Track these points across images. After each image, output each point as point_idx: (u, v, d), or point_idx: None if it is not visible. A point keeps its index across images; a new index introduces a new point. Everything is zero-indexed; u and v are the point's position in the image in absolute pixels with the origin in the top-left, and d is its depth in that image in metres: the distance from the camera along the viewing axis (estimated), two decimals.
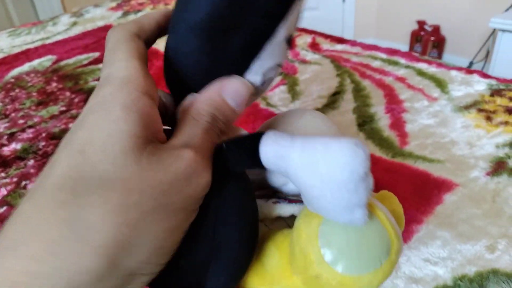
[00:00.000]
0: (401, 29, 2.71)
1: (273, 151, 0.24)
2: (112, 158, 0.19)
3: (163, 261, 0.21)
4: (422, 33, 2.52)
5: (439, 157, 0.54)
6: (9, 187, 0.56)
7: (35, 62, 0.99)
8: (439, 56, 2.53)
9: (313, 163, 0.22)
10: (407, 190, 0.48)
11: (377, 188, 0.48)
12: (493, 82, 0.71)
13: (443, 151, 0.55)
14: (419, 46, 2.56)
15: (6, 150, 0.64)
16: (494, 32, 2.03)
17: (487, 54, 2.28)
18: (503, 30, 1.82)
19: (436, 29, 2.47)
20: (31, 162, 0.61)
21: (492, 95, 0.67)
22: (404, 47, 2.70)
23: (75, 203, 0.18)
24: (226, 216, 0.24)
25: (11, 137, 0.68)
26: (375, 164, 0.53)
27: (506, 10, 2.00)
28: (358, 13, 2.81)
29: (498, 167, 0.51)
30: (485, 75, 0.73)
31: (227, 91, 0.25)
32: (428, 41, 2.49)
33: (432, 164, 0.53)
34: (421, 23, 2.53)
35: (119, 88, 0.22)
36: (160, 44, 0.27)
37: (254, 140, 0.25)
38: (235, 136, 0.26)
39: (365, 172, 0.22)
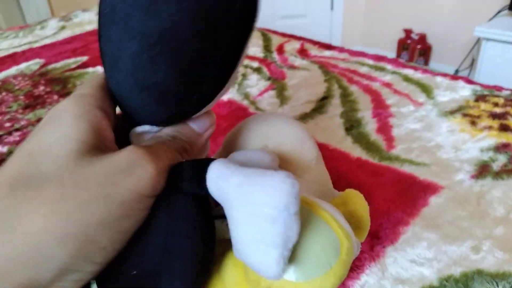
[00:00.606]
0: (388, 37, 2.74)
1: (218, 170, 0.24)
2: (54, 159, 0.21)
3: (97, 260, 0.21)
4: (408, 41, 2.56)
5: (425, 161, 0.55)
6: None
7: (23, 66, 0.99)
8: (426, 64, 2.56)
9: (247, 187, 0.23)
10: (393, 192, 0.49)
11: (363, 191, 0.49)
12: (478, 88, 0.72)
13: (428, 154, 0.56)
14: (405, 54, 2.59)
15: None
16: (478, 40, 2.07)
17: (472, 62, 2.32)
18: (487, 39, 1.86)
19: (423, 38, 2.51)
20: None
21: (476, 100, 0.68)
22: (391, 55, 2.73)
23: (12, 197, 0.19)
24: (178, 228, 0.24)
25: None
26: (362, 168, 0.54)
27: (490, 19, 2.04)
28: (346, 21, 2.84)
29: (482, 170, 0.52)
30: (470, 81, 0.75)
31: (192, 121, 0.28)
32: (414, 49, 2.52)
33: (418, 167, 0.53)
34: (407, 32, 2.57)
35: (73, 101, 0.24)
36: None
37: (206, 164, 0.25)
38: (201, 158, 0.27)
39: (293, 213, 0.22)
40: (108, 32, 0.24)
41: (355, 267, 0.40)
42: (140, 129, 0.27)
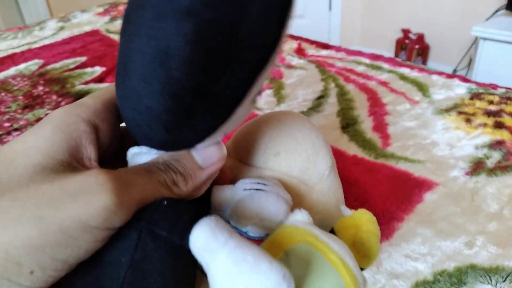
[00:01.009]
0: (386, 37, 2.75)
1: (204, 239, 0.21)
2: (14, 170, 0.20)
3: (24, 283, 0.19)
4: (406, 41, 2.57)
5: (420, 158, 0.55)
6: None
7: (22, 66, 0.99)
8: (424, 64, 2.57)
9: (236, 274, 0.21)
10: (388, 189, 0.50)
11: (359, 187, 0.50)
12: (473, 86, 0.73)
13: (424, 152, 0.56)
14: (404, 54, 2.60)
15: None
16: (476, 40, 2.07)
17: (470, 62, 2.32)
18: (485, 38, 1.86)
19: (420, 37, 2.52)
20: None
21: (472, 98, 0.69)
22: (389, 55, 2.74)
23: None
24: (141, 274, 0.21)
25: None
26: (358, 165, 0.54)
27: (487, 19, 2.04)
28: (344, 21, 2.85)
29: (477, 167, 0.53)
30: (466, 80, 0.75)
31: (197, 151, 0.24)
32: (412, 49, 2.53)
33: (413, 164, 0.54)
34: (405, 31, 2.58)
35: (64, 110, 0.22)
36: None
37: (195, 216, 0.22)
38: (186, 201, 0.24)
39: None
40: (121, 41, 0.22)
41: None
42: (136, 149, 0.25)
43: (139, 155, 0.25)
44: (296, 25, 2.82)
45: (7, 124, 0.72)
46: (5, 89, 0.87)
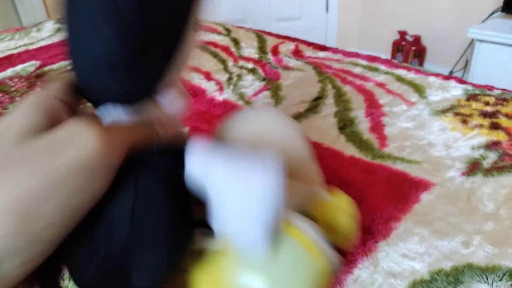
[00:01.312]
0: (383, 39, 2.76)
1: (198, 162, 0.24)
2: (2, 139, 0.22)
3: (47, 236, 0.20)
4: (403, 43, 2.58)
5: (417, 158, 0.55)
6: None
7: (19, 68, 0.99)
8: (420, 65, 2.58)
9: (233, 180, 0.23)
10: (385, 189, 0.50)
11: (356, 188, 0.50)
12: (469, 87, 0.73)
13: (420, 152, 0.57)
14: (400, 55, 2.61)
15: None
16: (472, 42, 2.09)
17: (466, 64, 2.34)
18: (480, 40, 1.88)
19: (417, 39, 2.53)
20: None
21: (468, 99, 0.69)
22: (386, 57, 2.76)
23: None
24: (147, 205, 0.24)
25: None
26: (355, 165, 0.54)
27: (483, 21, 2.06)
28: (341, 23, 2.86)
29: (473, 167, 0.53)
30: (462, 81, 0.76)
31: (164, 100, 0.29)
32: (409, 50, 2.54)
33: (410, 165, 0.54)
34: (402, 33, 2.59)
35: (36, 94, 0.26)
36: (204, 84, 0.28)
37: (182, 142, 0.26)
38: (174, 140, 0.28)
39: (278, 195, 0.23)
40: (62, 7, 0.26)
41: (348, 262, 0.41)
42: (103, 109, 0.27)
43: (107, 111, 0.27)
44: (293, 27, 2.82)
45: None
46: (2, 90, 0.87)
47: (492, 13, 2.08)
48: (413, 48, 2.53)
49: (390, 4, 2.68)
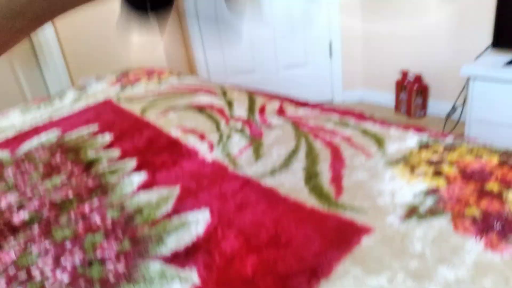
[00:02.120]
0: (387, 78, 2.88)
1: None
2: None
3: None
4: (406, 82, 2.68)
5: (364, 206, 0.66)
6: (17, 249, 0.69)
7: (43, 138, 1.15)
8: (424, 102, 2.67)
9: None
10: (334, 235, 0.60)
11: (310, 234, 0.60)
12: (425, 137, 0.83)
13: (369, 201, 0.67)
14: (404, 94, 2.71)
15: (16, 219, 0.77)
16: (468, 79, 2.18)
17: (465, 99, 2.42)
18: (474, 77, 1.97)
19: (418, 78, 2.63)
20: (36, 229, 0.74)
21: (420, 149, 0.79)
22: (391, 96, 2.86)
23: None
24: None
25: (20, 207, 0.81)
26: (312, 216, 0.65)
27: (476, 58, 2.15)
28: (345, 66, 3.00)
29: (410, 212, 0.63)
30: (420, 130, 0.86)
31: None
32: (412, 89, 2.64)
33: (358, 213, 0.64)
34: (404, 73, 2.70)
35: None
36: (150, 116, 0.40)
37: None
38: None
39: None
40: None
41: None
42: None
43: None
44: (300, 73, 2.98)
45: (29, 194, 0.86)
46: (29, 159, 1.02)
47: (485, 50, 2.17)
48: (416, 86, 2.63)
49: (390, 45, 2.81)
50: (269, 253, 0.59)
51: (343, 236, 0.60)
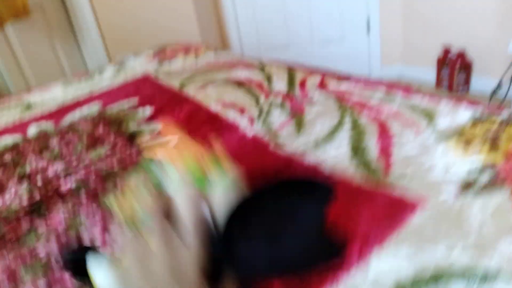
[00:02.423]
0: (428, 54, 2.76)
1: None
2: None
3: None
4: (448, 57, 2.57)
5: (415, 181, 0.63)
6: (66, 215, 0.70)
7: (85, 110, 1.17)
8: (467, 79, 2.56)
9: None
10: (383, 212, 0.58)
11: (360, 213, 0.58)
12: (478, 111, 0.79)
13: (420, 176, 0.64)
14: (446, 69, 2.60)
15: (64, 188, 0.79)
16: None
17: None
18: None
19: (462, 53, 2.52)
20: (83, 196, 0.75)
21: (474, 124, 0.75)
22: (432, 72, 2.75)
23: None
24: None
25: (67, 176, 0.83)
26: (360, 194, 0.63)
27: None
28: (383, 41, 2.90)
29: (466, 187, 0.60)
30: (473, 103, 0.82)
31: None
32: (454, 65, 2.53)
33: (409, 188, 0.62)
34: (447, 48, 2.59)
35: None
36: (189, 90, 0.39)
37: None
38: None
39: None
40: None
41: (343, 266, 0.50)
42: None
43: None
44: (336, 48, 2.91)
45: (75, 163, 0.88)
46: (72, 130, 1.04)
47: None
48: (459, 62, 2.52)
49: (432, 18, 2.70)
50: None
51: (394, 211, 0.58)
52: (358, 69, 2.95)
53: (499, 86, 2.40)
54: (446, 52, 2.59)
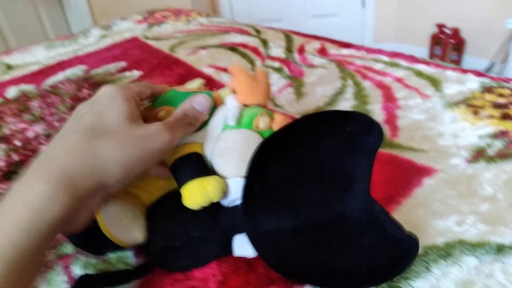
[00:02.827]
0: (421, 32, 2.73)
1: None
2: (116, 121, 0.36)
3: (126, 180, 0.36)
4: (441, 36, 2.54)
5: (424, 147, 0.59)
6: None
7: (69, 72, 1.10)
8: (459, 58, 2.54)
9: None
10: (391, 176, 0.54)
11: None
12: (486, 80, 0.75)
13: (429, 142, 0.61)
14: (439, 49, 2.58)
15: (44, 147, 0.73)
16: None
17: (506, 55, 2.28)
18: None
19: (456, 32, 2.49)
20: None
21: (482, 92, 0.72)
22: (424, 50, 2.72)
23: (91, 142, 0.34)
24: None
25: (48, 137, 0.77)
26: None
27: None
28: (378, 18, 2.85)
29: (477, 155, 0.57)
30: (480, 74, 0.78)
31: (195, 102, 0.43)
32: (447, 43, 2.50)
33: (417, 153, 0.58)
34: (440, 26, 2.55)
35: (121, 88, 0.39)
36: (180, 54, 0.34)
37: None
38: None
39: None
40: None
41: None
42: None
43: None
44: (329, 23, 2.85)
45: (56, 124, 0.82)
46: (54, 93, 0.98)
47: None
48: (452, 41, 2.49)
49: None
50: None
51: (401, 176, 0.54)
52: None
53: (491, 66, 2.38)
54: (440, 28, 2.56)
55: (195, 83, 0.51)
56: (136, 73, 1.03)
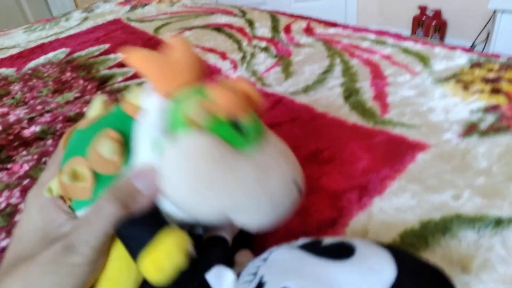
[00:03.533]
0: (403, 14, 2.73)
1: None
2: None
3: None
4: (423, 18, 2.55)
5: (415, 123, 0.59)
6: (31, 163, 0.63)
7: (50, 55, 1.06)
8: (441, 39, 2.55)
9: None
10: (383, 152, 0.54)
11: (356, 153, 0.54)
12: (475, 56, 0.75)
13: (420, 117, 0.60)
14: (421, 31, 2.58)
15: (27, 132, 0.71)
16: (494, 13, 2.05)
17: (488, 36, 2.30)
18: (503, 11, 1.85)
19: (438, 14, 2.49)
20: (49, 142, 0.67)
21: (471, 67, 0.71)
22: (407, 32, 2.72)
23: None
24: None
25: (31, 121, 0.74)
26: (356, 132, 0.59)
27: None
28: (360, 0, 2.84)
29: (470, 129, 0.57)
30: (468, 50, 0.78)
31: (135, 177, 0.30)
32: (430, 25, 2.51)
33: (408, 129, 0.58)
34: (422, 8, 2.56)
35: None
36: (165, 36, 0.32)
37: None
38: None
39: None
40: None
41: (344, 215, 0.45)
42: None
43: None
44: (312, 6, 2.83)
45: (39, 107, 0.79)
46: (36, 76, 0.94)
47: None
48: (434, 22, 2.50)
49: None
50: (310, 169, 0.53)
51: (394, 152, 0.54)
52: None
53: (472, 47, 2.40)
54: (422, 11, 2.56)
55: (95, 106, 0.40)
56: (120, 56, 1.00)
